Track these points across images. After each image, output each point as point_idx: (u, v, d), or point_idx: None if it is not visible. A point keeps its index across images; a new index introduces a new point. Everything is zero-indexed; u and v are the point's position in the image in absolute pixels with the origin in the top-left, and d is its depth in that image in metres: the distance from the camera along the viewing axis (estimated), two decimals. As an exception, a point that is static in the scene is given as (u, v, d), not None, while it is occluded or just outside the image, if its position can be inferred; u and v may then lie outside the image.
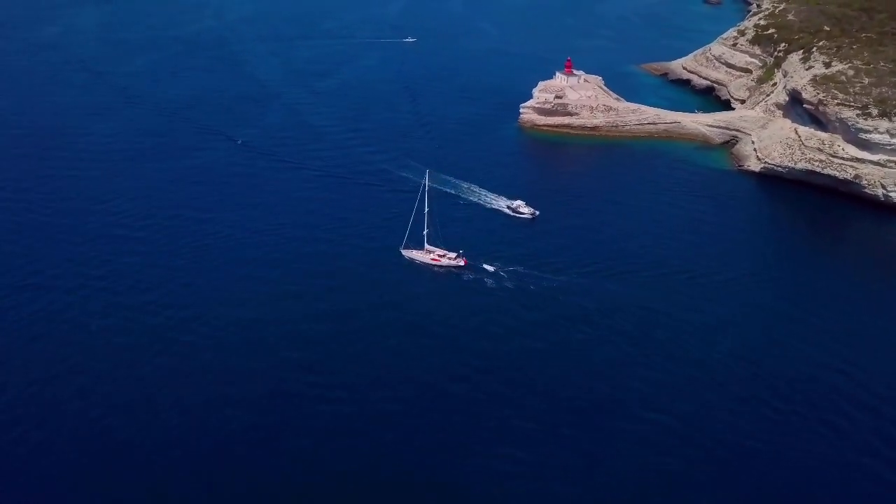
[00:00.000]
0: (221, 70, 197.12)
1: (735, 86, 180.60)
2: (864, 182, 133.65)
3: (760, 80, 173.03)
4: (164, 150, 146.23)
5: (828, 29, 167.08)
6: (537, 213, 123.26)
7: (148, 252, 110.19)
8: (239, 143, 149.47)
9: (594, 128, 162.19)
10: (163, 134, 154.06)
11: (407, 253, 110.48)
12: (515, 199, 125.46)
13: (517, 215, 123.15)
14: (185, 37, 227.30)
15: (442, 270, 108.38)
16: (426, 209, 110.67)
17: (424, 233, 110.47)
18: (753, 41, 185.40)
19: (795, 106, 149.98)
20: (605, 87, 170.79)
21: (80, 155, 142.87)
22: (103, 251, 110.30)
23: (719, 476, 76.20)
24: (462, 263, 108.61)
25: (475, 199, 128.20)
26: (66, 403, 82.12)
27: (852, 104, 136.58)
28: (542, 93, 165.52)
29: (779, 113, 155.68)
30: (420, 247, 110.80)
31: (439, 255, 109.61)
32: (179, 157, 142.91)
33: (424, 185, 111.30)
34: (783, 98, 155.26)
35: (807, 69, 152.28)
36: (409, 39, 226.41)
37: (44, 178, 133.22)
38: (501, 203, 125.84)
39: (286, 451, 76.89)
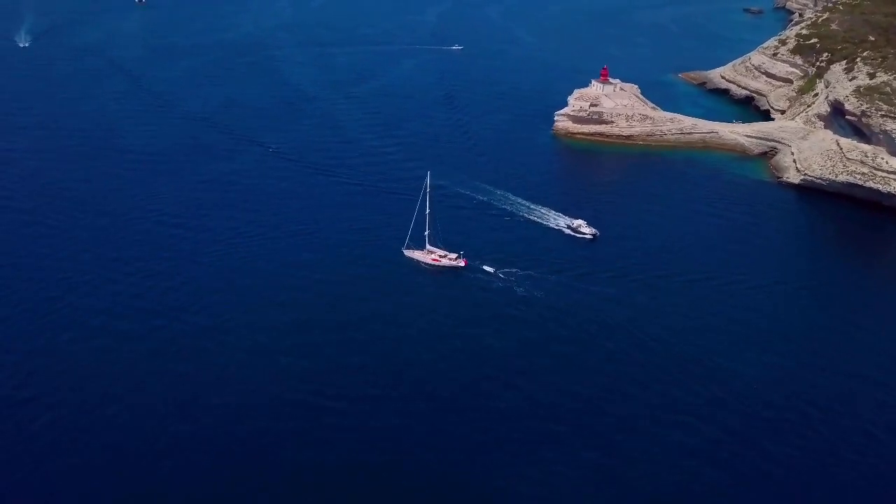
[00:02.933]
0: (258, 76, 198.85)
1: (775, 96, 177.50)
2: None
3: (801, 91, 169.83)
4: (196, 155, 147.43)
5: (872, 39, 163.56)
6: (598, 233, 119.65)
7: (173, 255, 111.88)
8: (271, 149, 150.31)
9: (629, 136, 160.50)
10: (197, 139, 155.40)
11: (409, 253, 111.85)
12: (576, 219, 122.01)
13: (579, 235, 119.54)
14: (224, 43, 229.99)
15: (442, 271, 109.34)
16: (427, 210, 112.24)
17: (425, 233, 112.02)
18: (795, 51, 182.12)
19: (837, 117, 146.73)
20: (641, 96, 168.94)
21: (116, 159, 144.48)
22: (130, 252, 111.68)
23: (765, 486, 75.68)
24: (462, 264, 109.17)
25: (512, 209, 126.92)
26: (73, 405, 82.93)
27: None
28: (578, 101, 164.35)
29: (820, 124, 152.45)
30: (422, 247, 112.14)
31: (440, 256, 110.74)
32: (211, 162, 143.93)
33: (426, 186, 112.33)
34: (825, 109, 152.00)
35: (850, 80, 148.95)
36: (456, 47, 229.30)
37: (80, 180, 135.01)
38: (561, 222, 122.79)
39: (286, 461, 77.14)
